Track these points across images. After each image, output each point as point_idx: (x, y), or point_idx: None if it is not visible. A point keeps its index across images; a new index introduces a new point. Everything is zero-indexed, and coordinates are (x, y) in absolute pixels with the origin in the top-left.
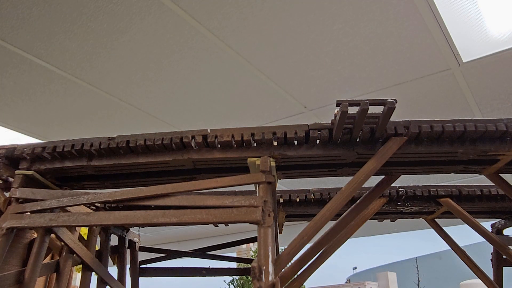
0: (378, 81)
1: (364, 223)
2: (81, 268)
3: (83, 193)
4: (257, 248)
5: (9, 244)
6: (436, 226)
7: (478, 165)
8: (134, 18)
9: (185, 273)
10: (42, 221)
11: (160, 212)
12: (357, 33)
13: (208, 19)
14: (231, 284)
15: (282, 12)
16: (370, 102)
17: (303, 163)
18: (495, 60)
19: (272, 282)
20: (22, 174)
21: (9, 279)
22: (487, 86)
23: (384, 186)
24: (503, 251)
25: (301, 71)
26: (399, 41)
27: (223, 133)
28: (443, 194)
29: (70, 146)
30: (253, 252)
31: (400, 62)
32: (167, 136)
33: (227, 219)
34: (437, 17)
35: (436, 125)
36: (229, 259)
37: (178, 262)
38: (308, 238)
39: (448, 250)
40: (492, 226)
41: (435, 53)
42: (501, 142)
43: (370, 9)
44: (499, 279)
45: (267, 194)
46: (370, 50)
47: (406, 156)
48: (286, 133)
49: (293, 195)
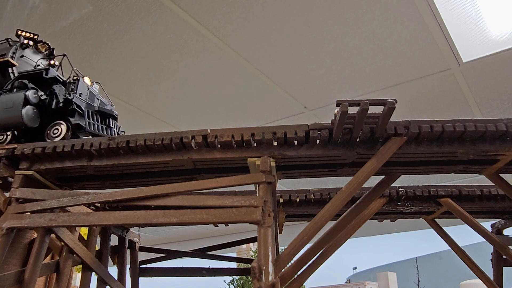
0: (378, 81)
1: (364, 223)
2: (81, 268)
3: (83, 193)
4: (257, 248)
5: (9, 244)
6: (436, 226)
7: (478, 165)
8: (134, 18)
9: (185, 273)
10: (42, 221)
11: (160, 212)
12: (357, 33)
13: (208, 19)
14: (231, 284)
15: (282, 12)
16: (370, 102)
17: (303, 163)
18: (495, 60)
19: (272, 282)
20: (22, 174)
21: (9, 279)
22: (487, 86)
23: (384, 186)
24: (503, 251)
25: (301, 71)
26: (399, 41)
27: (223, 133)
28: (443, 194)
29: (70, 147)
30: (253, 252)
31: (400, 62)
32: (167, 136)
33: (227, 219)
34: (437, 17)
35: (436, 125)
36: (229, 259)
37: (178, 262)
38: (308, 238)
39: (448, 250)
40: (492, 226)
41: (435, 53)
42: (501, 142)
43: (370, 9)
44: (499, 279)
45: (267, 194)
46: (370, 50)
47: (406, 156)
48: (286, 133)
49: (293, 195)
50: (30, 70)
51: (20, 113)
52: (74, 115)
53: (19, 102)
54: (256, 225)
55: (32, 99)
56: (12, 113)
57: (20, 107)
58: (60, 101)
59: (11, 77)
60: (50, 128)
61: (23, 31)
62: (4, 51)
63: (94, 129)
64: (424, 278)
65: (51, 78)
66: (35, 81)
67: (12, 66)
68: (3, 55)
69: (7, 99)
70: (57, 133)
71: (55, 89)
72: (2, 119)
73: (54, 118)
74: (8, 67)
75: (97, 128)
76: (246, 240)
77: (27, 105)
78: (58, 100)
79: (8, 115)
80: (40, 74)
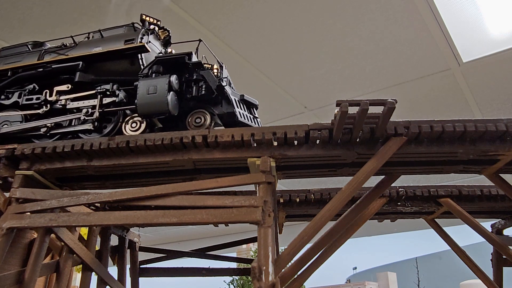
0: (378, 81)
1: (364, 223)
2: (81, 268)
3: (83, 193)
4: (257, 248)
5: (9, 244)
6: (436, 226)
7: (478, 165)
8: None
9: (185, 273)
10: (42, 221)
11: (160, 212)
12: (357, 33)
13: (208, 19)
14: (231, 284)
15: (282, 12)
16: (370, 102)
17: (303, 163)
18: (495, 60)
19: (272, 282)
20: (22, 174)
21: (9, 279)
22: (487, 86)
23: (384, 186)
24: (503, 251)
25: (301, 71)
26: (399, 41)
27: (223, 133)
28: (443, 194)
29: (70, 147)
30: (253, 252)
31: (400, 62)
32: (167, 136)
33: (227, 219)
34: (437, 17)
35: (436, 125)
36: (229, 259)
37: (178, 262)
38: (308, 238)
39: (448, 250)
40: (492, 226)
41: (435, 53)
42: (501, 142)
43: (370, 9)
44: (499, 279)
45: (267, 194)
46: (370, 50)
47: (406, 156)
48: (286, 133)
49: (293, 195)
50: (171, 55)
51: (165, 99)
52: (221, 104)
53: (163, 87)
54: (256, 225)
55: (175, 85)
56: (157, 99)
57: (165, 93)
58: (207, 88)
59: (140, 63)
60: (191, 116)
61: (147, 16)
62: (130, 36)
63: (245, 119)
64: (424, 278)
65: (195, 63)
66: (170, 66)
67: (146, 52)
68: (131, 40)
69: (149, 84)
70: (200, 122)
71: (204, 75)
72: (144, 105)
73: (190, 106)
74: (139, 53)
75: (247, 118)
76: (246, 240)
77: (171, 91)
78: (206, 86)
79: (151, 101)
80: (182, 59)
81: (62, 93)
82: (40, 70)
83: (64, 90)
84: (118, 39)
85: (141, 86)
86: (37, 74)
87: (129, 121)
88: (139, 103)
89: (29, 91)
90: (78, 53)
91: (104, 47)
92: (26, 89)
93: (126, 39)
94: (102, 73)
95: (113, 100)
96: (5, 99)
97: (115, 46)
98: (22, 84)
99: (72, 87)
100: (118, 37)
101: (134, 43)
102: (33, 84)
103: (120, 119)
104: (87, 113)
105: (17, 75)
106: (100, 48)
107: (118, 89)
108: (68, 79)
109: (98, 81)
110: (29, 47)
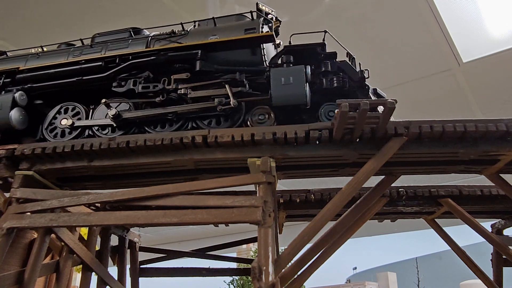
0: (378, 81)
1: (364, 223)
2: (81, 268)
3: (84, 193)
4: (257, 248)
5: (9, 244)
6: (436, 226)
7: (479, 165)
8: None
9: (185, 273)
10: (43, 221)
11: (161, 212)
12: (358, 33)
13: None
14: (231, 284)
15: (282, 12)
16: (370, 102)
17: (304, 163)
18: (495, 60)
19: (272, 282)
20: (22, 174)
21: (9, 279)
22: (487, 86)
23: (384, 186)
24: (503, 251)
25: None
26: (400, 42)
27: (224, 134)
28: (444, 194)
29: (71, 147)
30: (253, 252)
31: (400, 62)
32: (167, 136)
33: (228, 219)
34: (437, 18)
35: (437, 125)
36: (229, 259)
37: (178, 262)
38: (308, 238)
39: (448, 250)
40: (492, 226)
41: (435, 53)
42: (502, 142)
43: (370, 9)
44: (499, 279)
45: (268, 194)
46: (371, 50)
47: (407, 156)
48: (286, 133)
49: (294, 196)
50: (303, 44)
51: (304, 91)
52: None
53: (300, 78)
54: (257, 225)
55: (309, 77)
56: (295, 90)
57: (303, 84)
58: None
59: (261, 53)
60: (322, 107)
61: (264, 5)
62: (251, 25)
63: None
64: (424, 278)
65: (329, 54)
66: (298, 56)
67: (272, 42)
68: (252, 29)
69: (285, 73)
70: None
71: (342, 66)
72: (280, 96)
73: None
74: (264, 42)
75: None
76: (246, 240)
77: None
78: (339, 78)
79: (287, 92)
80: (313, 50)
81: (180, 81)
82: (153, 58)
83: (183, 79)
84: (236, 28)
85: (274, 75)
86: (151, 61)
87: (256, 112)
88: (274, 94)
89: (145, 79)
90: (195, 41)
91: (220, 35)
92: (141, 76)
93: (246, 28)
94: (221, 62)
95: (240, 89)
96: (117, 86)
97: (234, 35)
98: (130, 72)
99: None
100: (236, 27)
101: (256, 33)
102: (147, 72)
103: (243, 109)
104: (221, 102)
105: (129, 62)
106: (216, 36)
107: (245, 78)
108: (183, 68)
109: (219, 70)
110: (132, 33)
